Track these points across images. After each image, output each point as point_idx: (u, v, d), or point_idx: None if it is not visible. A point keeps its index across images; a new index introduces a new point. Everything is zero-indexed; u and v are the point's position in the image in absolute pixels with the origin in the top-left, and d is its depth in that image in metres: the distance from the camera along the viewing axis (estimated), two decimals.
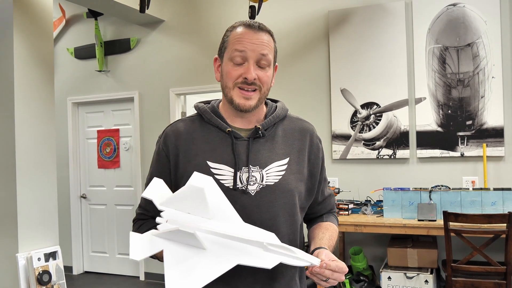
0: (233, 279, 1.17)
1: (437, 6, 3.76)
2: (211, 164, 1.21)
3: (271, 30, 1.26)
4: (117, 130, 5.22)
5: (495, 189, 3.27)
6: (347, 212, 3.66)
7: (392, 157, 3.91)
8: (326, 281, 1.09)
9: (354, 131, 4.03)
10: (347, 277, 3.64)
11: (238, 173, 1.19)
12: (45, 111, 3.45)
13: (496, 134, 3.61)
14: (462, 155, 3.70)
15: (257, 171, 1.21)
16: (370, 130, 3.98)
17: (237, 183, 1.19)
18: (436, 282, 3.39)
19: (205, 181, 1.10)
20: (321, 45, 4.20)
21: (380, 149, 3.95)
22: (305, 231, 1.36)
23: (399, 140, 3.88)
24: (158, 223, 1.07)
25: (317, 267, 1.06)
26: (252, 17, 3.57)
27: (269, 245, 1.03)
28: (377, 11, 3.95)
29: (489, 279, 2.96)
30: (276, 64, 1.28)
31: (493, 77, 3.61)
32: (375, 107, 3.95)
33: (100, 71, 5.14)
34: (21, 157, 3.25)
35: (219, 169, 1.20)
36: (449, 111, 3.74)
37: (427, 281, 3.28)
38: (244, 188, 1.19)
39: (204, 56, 4.64)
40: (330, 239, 1.24)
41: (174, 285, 0.94)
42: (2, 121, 3.28)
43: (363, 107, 4.00)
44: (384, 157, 3.94)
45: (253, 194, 1.19)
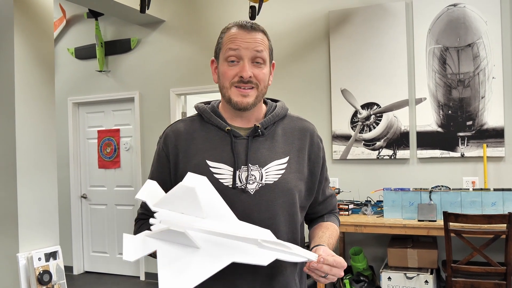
0: (233, 278, 1.17)
1: (438, 6, 3.76)
2: (210, 163, 1.21)
3: (270, 30, 1.27)
4: (118, 130, 5.23)
5: (495, 190, 3.27)
6: (347, 212, 3.66)
7: (392, 157, 3.91)
8: (325, 277, 1.07)
9: (354, 131, 4.03)
10: (347, 277, 3.64)
11: (237, 172, 1.19)
12: (45, 111, 3.45)
13: (496, 134, 3.61)
14: (462, 156, 3.70)
15: (257, 170, 1.20)
16: (370, 130, 3.98)
17: (236, 182, 1.19)
18: (436, 282, 3.39)
19: (198, 181, 1.09)
20: (322, 45, 4.20)
21: (380, 150, 3.95)
22: (306, 232, 1.36)
23: (399, 140, 3.88)
24: (152, 224, 1.07)
25: (315, 262, 1.05)
26: (252, 17, 3.57)
27: (264, 242, 1.02)
28: (377, 11, 3.95)
29: (489, 280, 2.95)
30: (273, 61, 1.28)
31: (493, 78, 3.61)
32: (376, 107, 3.96)
33: (100, 71, 5.15)
34: (21, 157, 3.26)
35: (218, 168, 1.20)
36: (450, 112, 3.74)
37: (427, 282, 3.28)
38: (243, 187, 1.19)
39: (204, 56, 4.64)
40: (329, 238, 1.24)
41: (167, 285, 0.93)
42: (2, 121, 3.28)
43: (363, 107, 4.00)
44: (384, 158, 3.94)
45: (252, 193, 1.19)
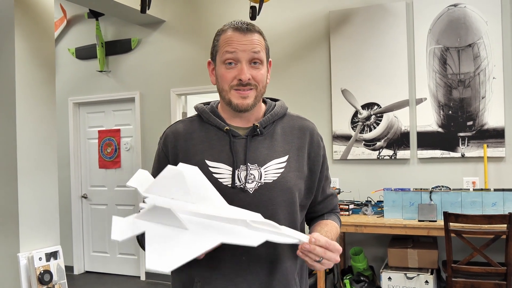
0: (232, 276, 1.17)
1: (438, 6, 3.76)
2: (209, 163, 1.21)
3: (271, 30, 1.27)
4: (118, 130, 5.23)
5: (495, 190, 3.27)
6: (347, 212, 3.66)
7: (392, 157, 3.91)
8: (319, 262, 1.06)
9: (354, 131, 4.03)
10: (348, 277, 3.64)
11: (236, 172, 1.19)
12: (46, 111, 3.46)
13: (497, 134, 3.61)
14: (462, 156, 3.70)
15: (256, 169, 1.20)
16: (370, 130, 3.98)
17: (235, 182, 1.19)
18: (436, 282, 3.39)
19: (188, 169, 1.09)
20: (322, 45, 4.20)
21: (380, 150, 3.95)
22: (306, 232, 1.36)
23: (399, 140, 3.88)
24: (141, 208, 1.06)
25: (306, 243, 1.04)
26: (253, 17, 3.57)
27: (253, 223, 1.02)
28: (378, 11, 3.96)
29: (489, 280, 2.95)
30: (269, 59, 1.28)
31: (494, 78, 3.61)
32: (376, 107, 3.96)
33: (101, 71, 5.15)
34: (22, 157, 3.26)
35: (217, 168, 1.20)
36: (450, 112, 3.74)
37: (427, 282, 3.27)
38: (242, 186, 1.19)
39: (205, 56, 4.64)
40: (327, 232, 1.22)
41: (154, 263, 0.93)
42: (3, 121, 3.29)
43: (363, 107, 4.00)
44: (384, 158, 3.94)
45: (251, 192, 1.19)
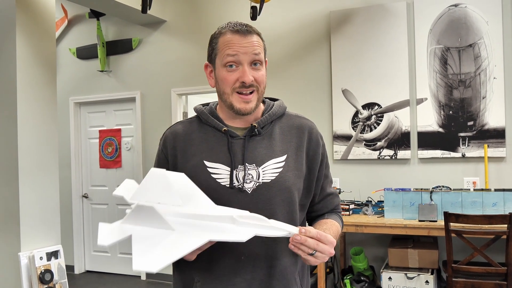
0: (231, 277, 1.17)
1: (439, 6, 3.76)
2: (207, 163, 1.21)
3: (271, 30, 1.27)
4: (119, 130, 5.24)
5: (496, 190, 3.27)
6: (348, 212, 3.66)
7: (393, 157, 3.91)
8: (313, 255, 1.05)
9: (355, 131, 4.03)
10: (348, 277, 3.64)
11: (234, 172, 1.20)
12: (47, 111, 3.47)
13: (497, 135, 3.60)
14: (463, 156, 3.70)
15: (254, 169, 1.21)
16: (371, 130, 3.98)
17: (234, 182, 1.19)
18: (436, 282, 3.39)
19: (174, 175, 1.09)
20: (323, 45, 4.20)
21: (381, 150, 3.95)
22: None
23: (400, 140, 3.88)
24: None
25: (297, 234, 1.03)
26: (253, 17, 3.57)
27: (240, 218, 1.01)
28: (378, 11, 3.95)
29: (489, 280, 2.95)
30: (266, 59, 1.28)
31: (494, 78, 3.61)
32: (376, 107, 3.96)
33: (102, 71, 5.16)
34: (23, 157, 3.27)
35: (215, 168, 1.21)
36: (451, 112, 3.74)
37: (427, 282, 3.27)
38: (240, 186, 1.19)
39: (205, 56, 4.61)
40: (326, 230, 1.20)
41: (140, 264, 0.91)
42: (4, 121, 3.30)
43: (364, 107, 4.00)
44: (385, 158, 3.94)
45: (249, 192, 1.19)
